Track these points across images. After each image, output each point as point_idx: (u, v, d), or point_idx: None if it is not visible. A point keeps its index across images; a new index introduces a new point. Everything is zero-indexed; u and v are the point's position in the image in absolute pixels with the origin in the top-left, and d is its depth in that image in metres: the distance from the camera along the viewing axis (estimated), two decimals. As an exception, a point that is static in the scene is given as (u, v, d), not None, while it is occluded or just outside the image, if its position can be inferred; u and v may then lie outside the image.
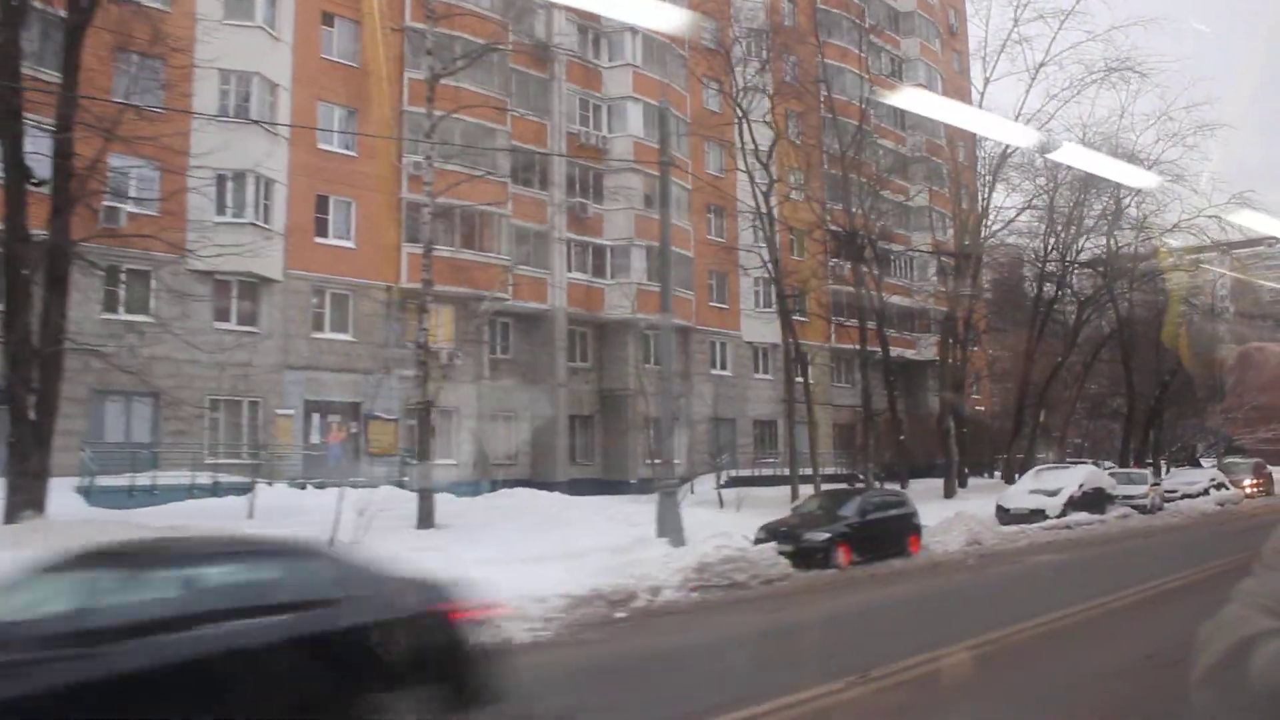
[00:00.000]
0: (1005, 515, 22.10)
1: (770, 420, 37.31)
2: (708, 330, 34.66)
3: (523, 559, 14.25)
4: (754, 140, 26.84)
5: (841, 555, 15.15)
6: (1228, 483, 31.87)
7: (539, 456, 30.22)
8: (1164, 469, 42.10)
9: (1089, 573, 14.54)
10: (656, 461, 32.81)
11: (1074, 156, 30.75)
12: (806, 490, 31.30)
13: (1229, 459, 36.71)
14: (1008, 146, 29.80)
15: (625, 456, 31.83)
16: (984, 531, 18.53)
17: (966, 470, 34.35)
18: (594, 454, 32.08)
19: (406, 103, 26.85)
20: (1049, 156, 31.72)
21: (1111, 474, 28.15)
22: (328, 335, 25.30)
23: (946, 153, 32.64)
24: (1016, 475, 33.43)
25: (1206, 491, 30.17)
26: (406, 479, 24.76)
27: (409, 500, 21.05)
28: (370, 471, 25.23)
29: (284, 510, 19.21)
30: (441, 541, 15.67)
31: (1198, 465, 41.46)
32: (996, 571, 15.07)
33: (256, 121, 22.90)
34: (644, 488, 30.33)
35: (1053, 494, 22.24)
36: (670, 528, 15.62)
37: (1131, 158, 30.62)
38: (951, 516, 18.81)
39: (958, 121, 31.24)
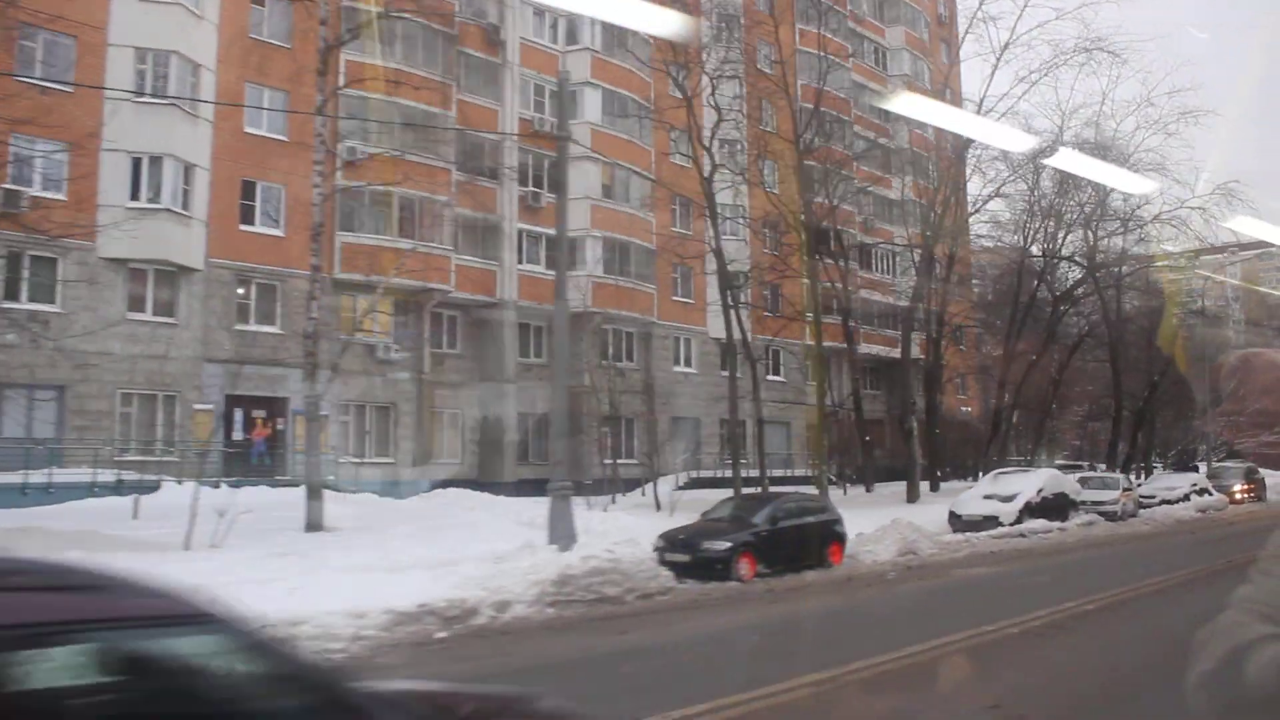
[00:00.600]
0: (958, 522, 20.78)
1: (739, 420, 35.96)
2: (671, 325, 33.42)
3: (389, 567, 13.11)
4: (698, 123, 25.53)
5: (745, 567, 13.89)
6: (1211, 488, 30.35)
7: (487, 456, 29.06)
8: (1147, 473, 40.63)
9: (1011, 589, 13.21)
10: (612, 462, 31.94)
11: (1071, 162, 29.93)
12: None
13: (1219, 464, 35.19)
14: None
15: (580, 457, 30.58)
16: (921, 541, 17.19)
17: (940, 473, 32.98)
18: (549, 453, 30.82)
19: (343, 84, 25.70)
20: (1046, 162, 30.60)
21: (1084, 479, 26.75)
22: (253, 327, 24.21)
23: (921, 139, 31.12)
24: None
25: (1187, 497, 28.69)
26: (330, 478, 23.69)
27: (333, 501, 20.07)
28: (296, 470, 24.19)
29: (180, 510, 18.11)
30: (313, 547, 14.52)
31: (1193, 469, 39.84)
32: (914, 587, 13.74)
33: (172, 100, 21.86)
34: (600, 489, 29.26)
35: (1008, 500, 20.87)
36: (562, 534, 14.41)
37: (1111, 145, 29.17)
38: (888, 524, 17.50)
39: (944, 122, 29.87)
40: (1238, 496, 32.12)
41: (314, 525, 16.30)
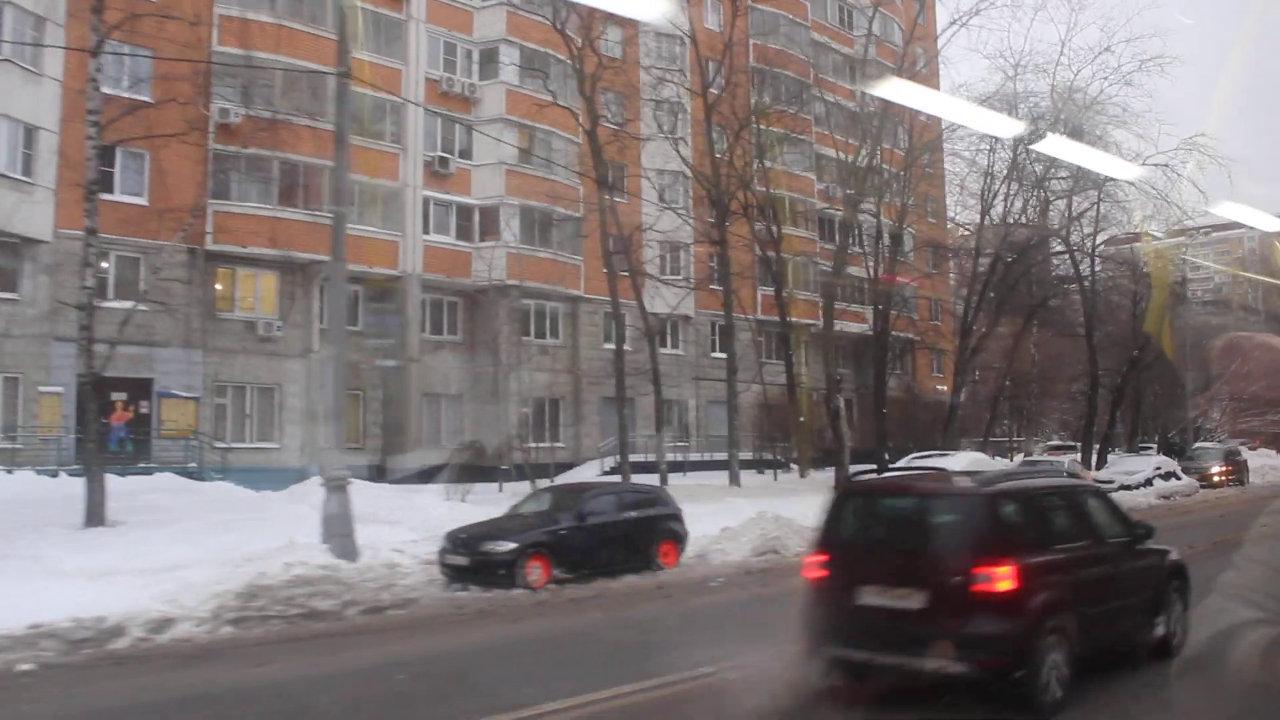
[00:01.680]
0: (860, 513, 18.59)
1: (679, 401, 33.91)
2: (601, 300, 31.23)
3: (116, 570, 11.29)
4: (584, 71, 23.20)
5: (537, 571, 11.86)
6: (1180, 472, 27.88)
7: (392, 439, 27.21)
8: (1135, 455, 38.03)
9: None
10: (539, 446, 30.01)
11: (1056, 147, 28.18)
12: (719, 477, 28.14)
13: (1198, 445, 32.66)
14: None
15: (497, 439, 28.67)
16: (789, 538, 15.04)
17: (888, 457, 30.68)
18: (463, 437, 28.95)
19: (216, 43, 23.79)
20: (1033, 148, 28.49)
21: (1029, 462, 24.44)
22: (112, 303, 22.38)
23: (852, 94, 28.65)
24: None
25: (1149, 482, 26.26)
26: (193, 465, 21.97)
27: (165, 492, 18.38)
28: (162, 456, 22.50)
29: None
30: (56, 545, 12.72)
31: (1177, 452, 37.26)
32: (743, 596, 11.64)
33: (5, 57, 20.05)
34: (523, 475, 27.35)
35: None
36: (336, 531, 12.47)
37: (1067, 96, 26.57)
38: (753, 517, 15.40)
39: (918, 103, 27.59)
40: (1215, 479, 29.63)
41: (94, 519, 14.48)
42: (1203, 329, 31.20)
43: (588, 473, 28.97)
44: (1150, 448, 44.00)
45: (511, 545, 11.81)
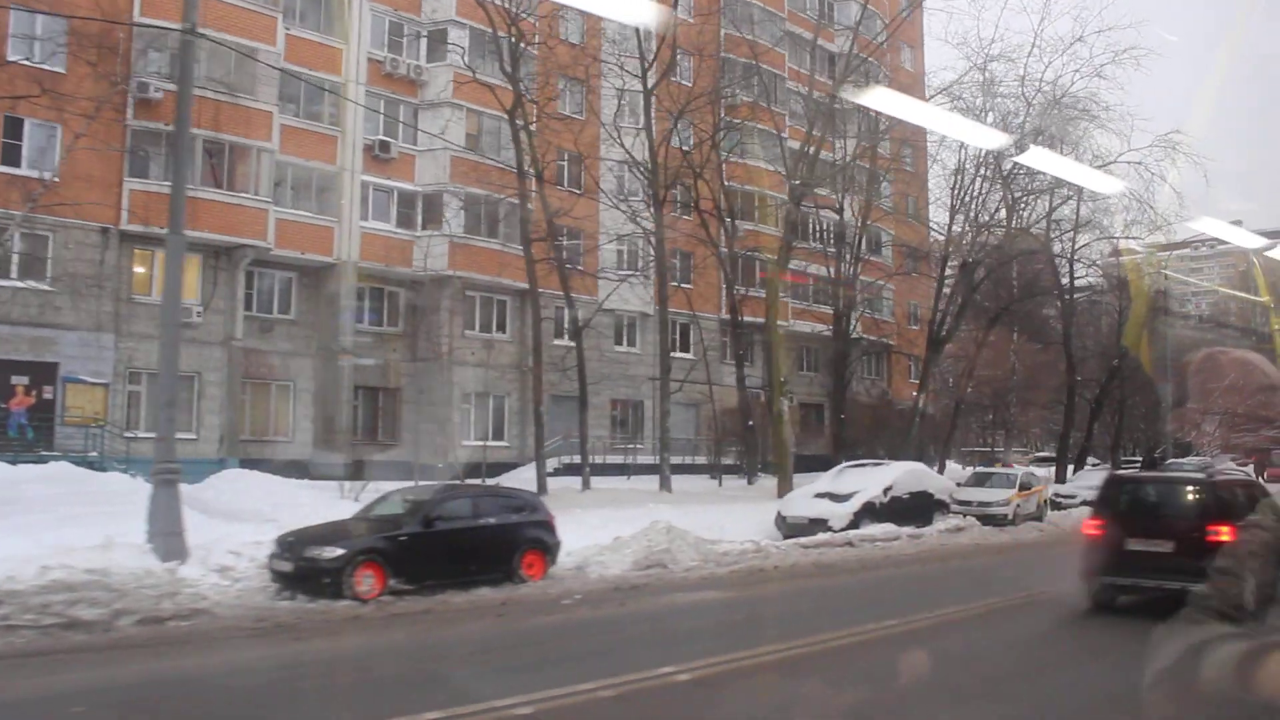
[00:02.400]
0: (784, 525, 17.43)
1: (636, 401, 32.74)
2: (553, 294, 30.01)
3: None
4: (508, 50, 21.97)
5: (369, 580, 10.69)
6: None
7: (323, 434, 26.09)
8: (1117, 468, 36.61)
9: (710, 626, 9.89)
10: (482, 444, 28.84)
11: (1038, 160, 27.29)
12: (679, 482, 26.89)
13: (1172, 461, 31.26)
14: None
15: (436, 436, 27.55)
16: (681, 550, 13.86)
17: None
18: (400, 432, 27.85)
19: (138, 12, 22.75)
20: (1017, 159, 27.57)
21: (982, 474, 23.17)
22: (14, 283, 21.38)
23: (816, 82, 27.29)
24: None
25: (1114, 499, 24.86)
26: (94, 455, 20.88)
27: (74, 481, 17.29)
28: (65, 444, 21.43)
29: None
30: None
31: (1159, 464, 35.82)
32: (579, 618, 10.33)
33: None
34: (465, 473, 26.24)
35: (842, 500, 17.41)
36: (162, 529, 11.38)
37: (1039, 88, 25.30)
38: (645, 527, 14.19)
39: (899, 111, 26.49)
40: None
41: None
42: (1182, 343, 29.91)
43: (531, 474, 27.83)
44: (1136, 462, 42.67)
45: (338, 552, 10.64)
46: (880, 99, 25.59)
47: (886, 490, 17.83)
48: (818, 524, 16.86)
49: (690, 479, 27.64)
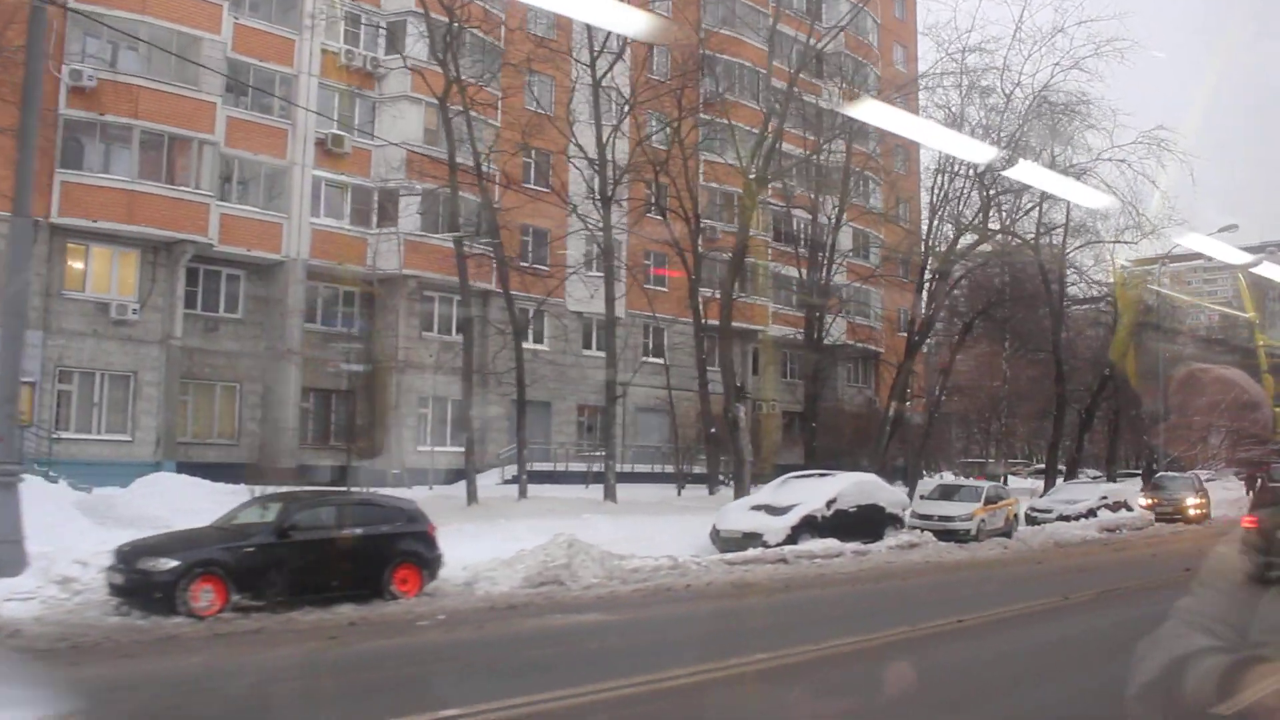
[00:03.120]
0: (717, 539, 16.34)
1: (601, 407, 31.63)
2: (518, 295, 29.00)
3: None
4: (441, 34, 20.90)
5: (207, 595, 9.72)
6: (1131, 503, 25.18)
7: (271, 437, 25.23)
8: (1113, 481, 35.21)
9: (574, 655, 8.84)
10: (432, 449, 27.88)
11: (1028, 174, 26.41)
12: (642, 491, 25.86)
13: (1162, 474, 29.86)
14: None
15: (389, 441, 26.66)
16: (584, 567, 12.81)
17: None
18: (355, 436, 26.93)
19: (75, -1, 22.02)
20: (1006, 174, 26.70)
21: (947, 487, 21.97)
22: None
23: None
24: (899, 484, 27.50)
25: (1093, 513, 23.60)
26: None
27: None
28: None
29: None
30: None
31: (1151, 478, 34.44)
32: (418, 643, 9.33)
33: None
34: (415, 479, 25.38)
35: (780, 513, 16.29)
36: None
37: (1016, 83, 24.14)
38: (545, 541, 13.15)
39: (887, 123, 25.52)
40: (1193, 513, 26.50)
41: None
42: (1169, 358, 28.77)
43: (486, 481, 26.85)
44: (1135, 473, 41.22)
45: (172, 564, 9.68)
46: (868, 109, 24.62)
47: (830, 503, 16.68)
48: (752, 539, 15.76)
49: (651, 488, 26.60)
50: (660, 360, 32.21)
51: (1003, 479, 44.06)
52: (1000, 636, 9.76)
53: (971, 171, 26.21)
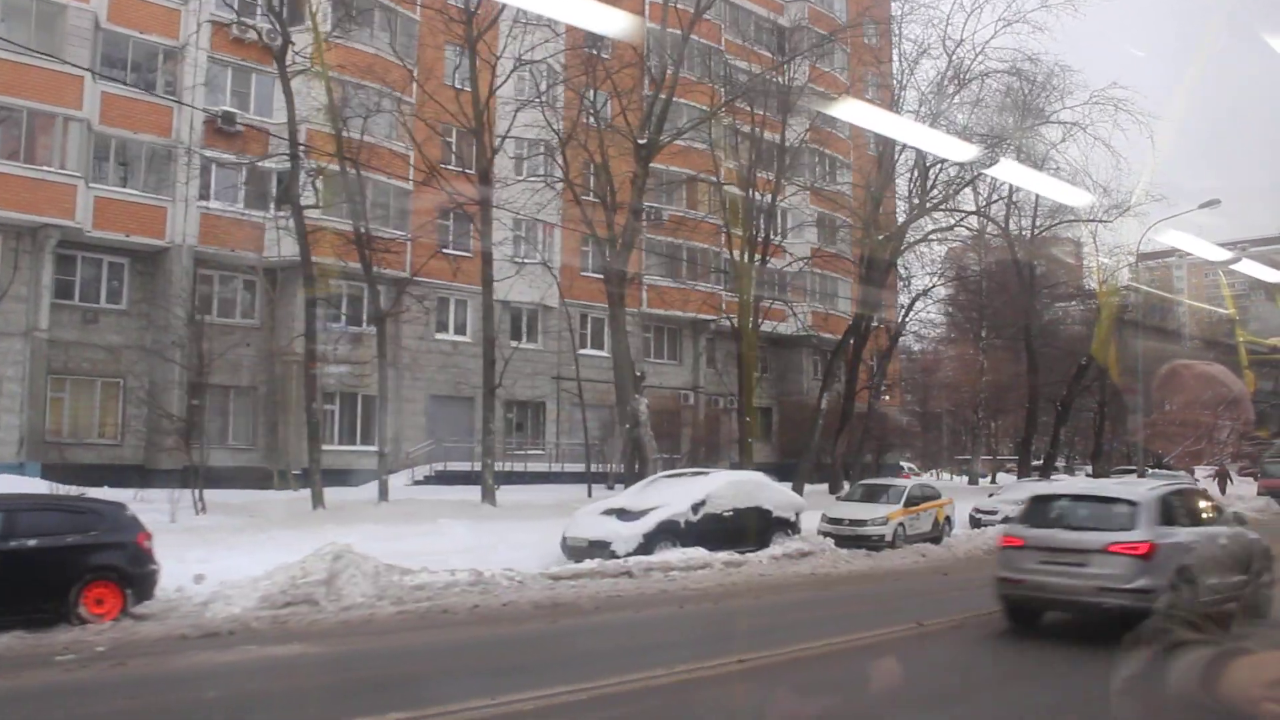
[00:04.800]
0: (565, 548, 14.35)
1: (537, 402, 29.75)
2: (436, 284, 27.16)
3: None
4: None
5: None
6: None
7: (159, 436, 23.54)
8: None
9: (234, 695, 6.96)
10: (346, 449, 26.13)
11: (1010, 173, 26.04)
12: (572, 491, 23.97)
13: (1150, 472, 27.37)
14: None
15: (289, 440, 24.92)
16: (353, 583, 10.88)
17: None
18: (257, 435, 25.26)
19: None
20: (988, 173, 25.22)
21: (869, 485, 19.76)
22: None
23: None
24: (845, 484, 25.40)
25: (1045, 516, 21.19)
26: None
27: None
28: None
29: None
30: None
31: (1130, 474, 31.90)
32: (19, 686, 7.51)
33: None
34: (333, 480, 23.64)
35: (634, 518, 14.24)
36: None
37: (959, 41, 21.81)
38: (311, 553, 11.23)
39: (862, 120, 23.72)
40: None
41: None
42: (1151, 354, 26.59)
43: (397, 482, 25.04)
44: (1130, 470, 38.57)
45: None
46: (862, 114, 22.64)
47: (697, 506, 14.58)
48: (598, 548, 13.75)
49: (573, 488, 24.68)
50: (601, 352, 30.26)
51: (990, 476, 41.70)
52: (760, 686, 7.68)
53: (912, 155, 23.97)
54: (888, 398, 36.79)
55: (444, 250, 26.86)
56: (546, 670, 8.03)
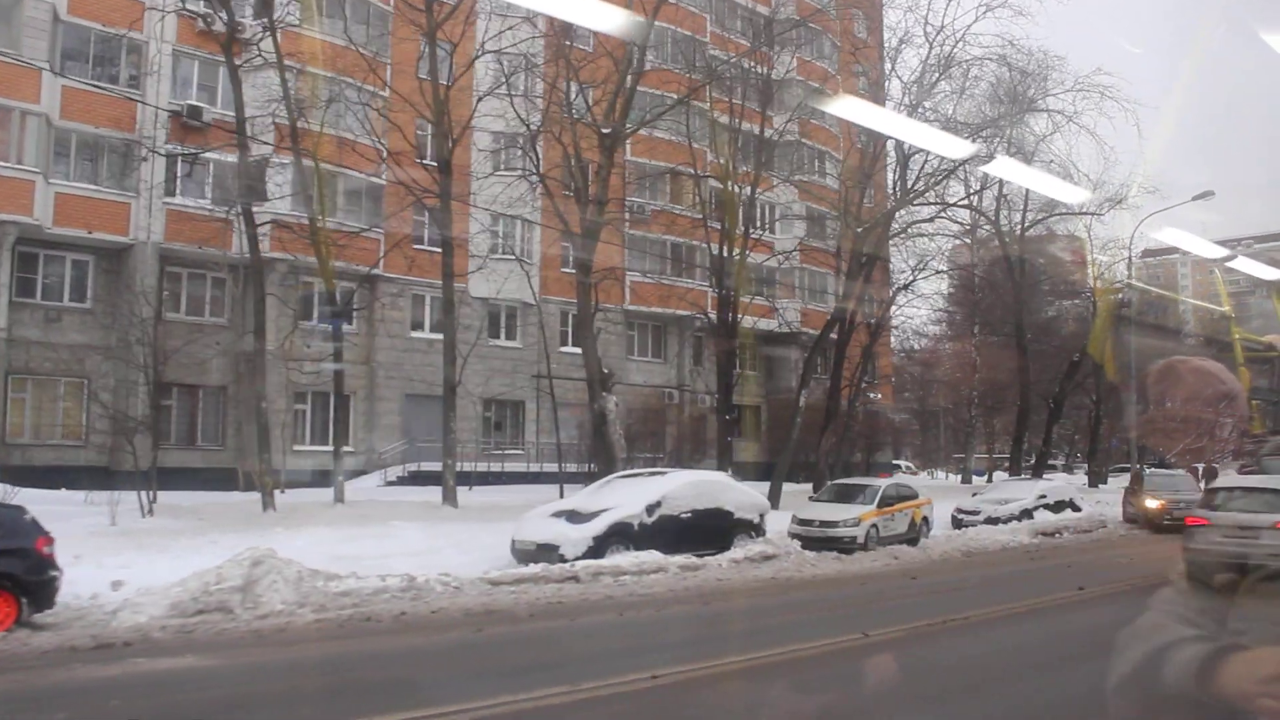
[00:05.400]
0: (515, 551, 13.81)
1: (516, 401, 29.21)
2: (408, 280, 26.66)
3: None
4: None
5: None
6: (1078, 501, 22.10)
7: (123, 437, 23.05)
8: (1095, 478, 31.98)
9: None
10: (319, 450, 25.63)
11: (1006, 170, 25.70)
12: (547, 492, 23.39)
13: (1150, 471, 26.67)
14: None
15: (259, 440, 24.38)
16: (277, 589, 10.36)
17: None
18: (225, 436, 24.78)
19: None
20: (985, 170, 24.78)
21: (843, 485, 19.14)
22: None
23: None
24: (826, 481, 24.73)
25: (1028, 514, 20.60)
26: None
27: None
28: None
29: None
30: None
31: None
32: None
33: None
34: (304, 481, 23.25)
35: (585, 519, 13.69)
36: None
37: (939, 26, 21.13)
38: (231, 558, 10.71)
39: (859, 117, 23.12)
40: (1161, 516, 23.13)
41: None
42: (1147, 351, 25.96)
43: (369, 483, 24.60)
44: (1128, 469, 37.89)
45: None
46: (859, 111, 22.00)
47: (652, 508, 14.01)
48: (547, 551, 13.19)
49: (545, 489, 24.09)
50: (575, 349, 29.68)
51: (988, 475, 40.99)
52: (667, 705, 7.09)
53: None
54: (879, 395, 36.14)
55: (420, 246, 26.42)
56: (441, 686, 7.50)
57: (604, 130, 19.93)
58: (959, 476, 37.71)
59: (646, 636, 9.85)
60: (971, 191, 28.24)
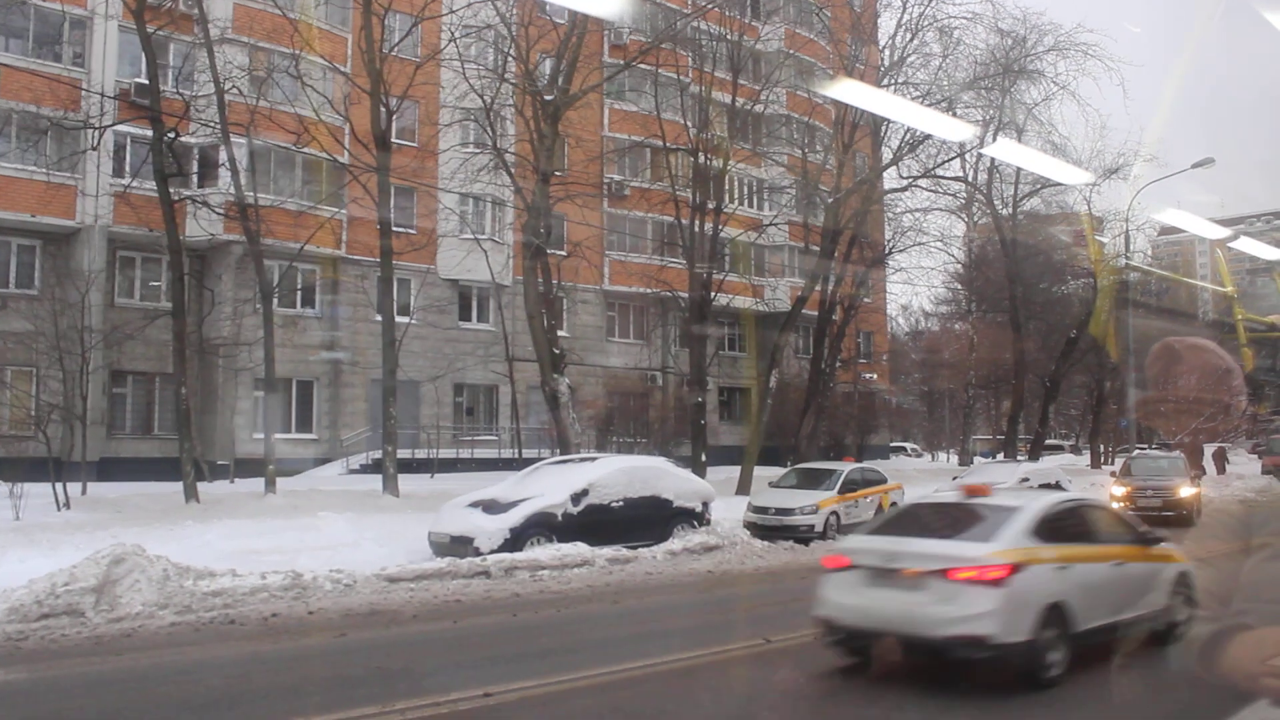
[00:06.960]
0: (432, 544, 12.96)
1: (489, 385, 28.35)
2: (369, 262, 25.71)
3: None
4: None
5: None
6: (1065, 483, 20.86)
7: (76, 428, 22.45)
8: (1098, 461, 30.71)
9: None
10: (283, 438, 24.89)
11: (1007, 152, 25.24)
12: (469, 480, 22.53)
13: (1139, 453, 25.39)
14: None
15: (215, 429, 23.77)
16: (139, 589, 9.55)
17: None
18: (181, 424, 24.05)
19: None
20: (984, 152, 23.95)
21: (806, 470, 18.12)
22: None
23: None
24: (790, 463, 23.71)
25: (1007, 502, 19.40)
26: None
27: None
28: None
29: None
30: None
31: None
32: None
33: None
34: (249, 470, 22.55)
35: (503, 510, 12.79)
36: None
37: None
38: (90, 555, 9.91)
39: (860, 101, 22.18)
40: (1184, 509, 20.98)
41: None
42: (1148, 332, 24.78)
43: (330, 472, 23.90)
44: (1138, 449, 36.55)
45: None
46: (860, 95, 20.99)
47: (578, 496, 13.08)
48: (461, 544, 12.33)
49: (508, 476, 23.21)
50: (560, 333, 28.69)
51: (992, 456, 39.71)
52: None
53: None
54: (873, 376, 34.96)
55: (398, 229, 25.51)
56: (266, 699, 6.66)
57: (547, 98, 18.88)
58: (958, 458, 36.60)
59: (524, 643, 8.92)
60: (950, 156, 26.94)
